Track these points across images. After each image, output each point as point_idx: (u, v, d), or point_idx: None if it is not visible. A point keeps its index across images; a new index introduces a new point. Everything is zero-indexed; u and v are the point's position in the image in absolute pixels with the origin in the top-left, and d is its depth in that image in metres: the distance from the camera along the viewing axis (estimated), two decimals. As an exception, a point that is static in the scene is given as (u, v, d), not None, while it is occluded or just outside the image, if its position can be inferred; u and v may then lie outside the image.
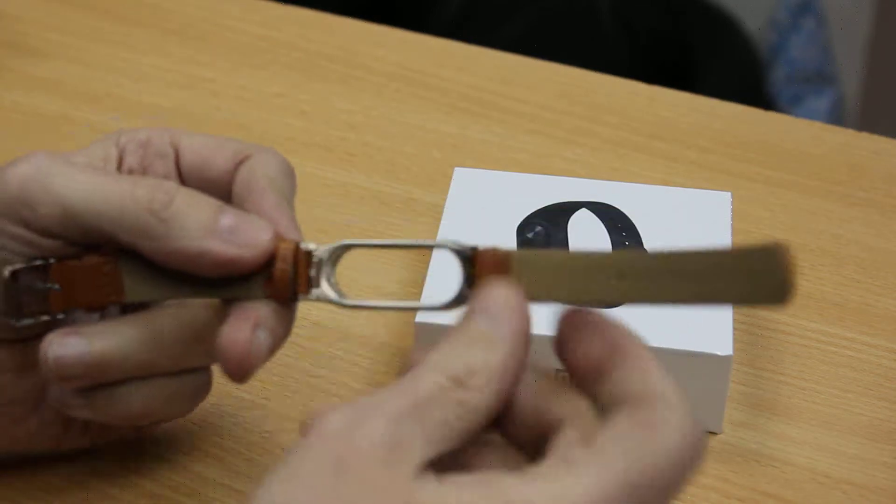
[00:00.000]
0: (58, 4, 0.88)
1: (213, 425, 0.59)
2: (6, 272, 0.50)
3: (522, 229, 0.64)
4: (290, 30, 0.87)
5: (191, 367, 0.52)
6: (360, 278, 0.68)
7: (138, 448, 0.58)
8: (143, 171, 0.53)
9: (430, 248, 0.51)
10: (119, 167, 0.53)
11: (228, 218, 0.49)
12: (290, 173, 0.54)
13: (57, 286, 0.50)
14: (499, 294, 0.44)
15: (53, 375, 0.50)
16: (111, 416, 0.52)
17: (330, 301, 0.49)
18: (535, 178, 0.68)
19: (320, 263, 0.49)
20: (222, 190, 0.53)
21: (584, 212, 0.65)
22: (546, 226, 0.64)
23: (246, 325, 0.48)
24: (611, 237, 0.64)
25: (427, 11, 1.57)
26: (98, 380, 0.51)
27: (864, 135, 0.78)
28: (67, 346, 0.50)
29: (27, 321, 0.51)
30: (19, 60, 0.84)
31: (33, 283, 0.50)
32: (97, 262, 0.50)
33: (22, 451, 0.55)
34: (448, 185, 0.67)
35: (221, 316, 0.49)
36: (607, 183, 0.68)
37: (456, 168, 0.68)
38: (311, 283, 0.49)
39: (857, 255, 0.70)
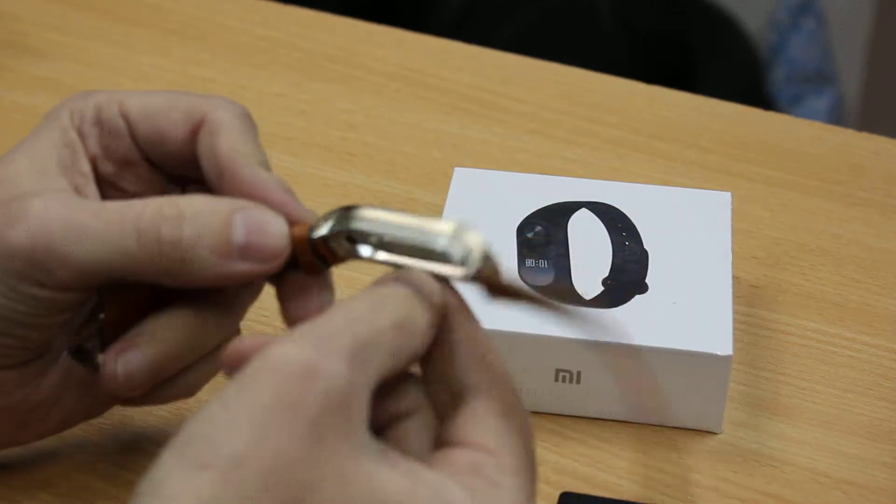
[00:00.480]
0: (58, 4, 0.88)
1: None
2: (68, 352, 0.52)
3: (522, 229, 0.64)
4: (290, 30, 0.87)
5: (232, 335, 0.53)
6: (362, 279, 0.68)
7: (139, 448, 0.58)
8: (104, 155, 0.53)
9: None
10: (84, 149, 0.53)
11: (240, 233, 0.49)
12: (250, 126, 0.53)
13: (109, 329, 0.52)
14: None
15: (124, 390, 0.51)
16: (173, 398, 0.52)
17: (360, 257, 0.48)
18: (535, 178, 0.68)
19: (336, 235, 0.48)
20: (185, 160, 0.52)
21: (584, 212, 0.65)
22: (546, 226, 0.64)
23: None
24: (611, 237, 0.64)
25: (427, 11, 1.57)
26: (162, 379, 0.51)
27: (864, 135, 0.78)
28: (130, 361, 0.50)
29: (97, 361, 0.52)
30: (19, 60, 0.84)
31: (90, 340, 0.52)
32: (135, 299, 0.51)
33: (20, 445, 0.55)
34: (448, 185, 0.67)
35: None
36: (607, 183, 0.68)
37: (456, 168, 0.68)
38: (335, 253, 0.48)
39: (857, 255, 0.70)
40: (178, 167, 0.53)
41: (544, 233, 0.64)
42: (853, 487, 0.58)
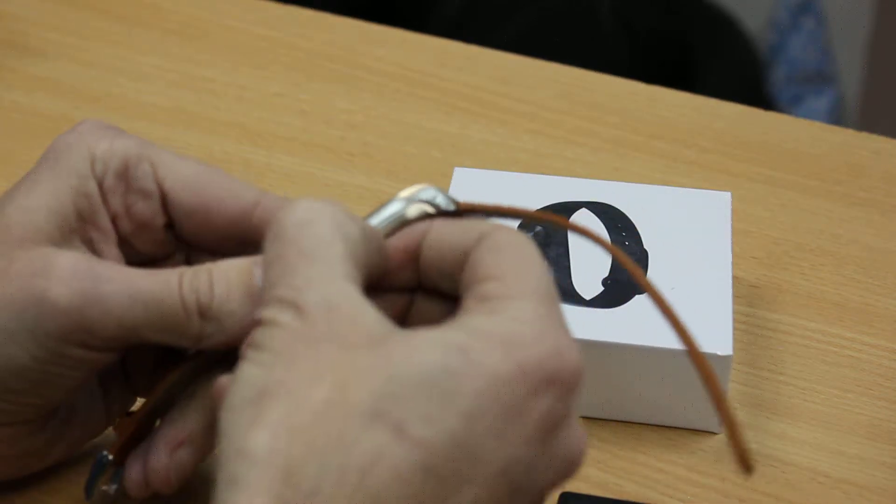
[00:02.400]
0: (58, 4, 0.88)
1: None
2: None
3: (522, 229, 0.64)
4: (290, 30, 0.87)
5: None
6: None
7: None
8: (125, 213, 0.52)
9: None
10: (104, 203, 0.52)
11: (258, 276, 0.50)
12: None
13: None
14: None
15: (165, 488, 0.52)
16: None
17: None
18: (535, 178, 0.68)
19: None
20: (222, 235, 0.52)
21: (584, 212, 0.65)
22: (546, 226, 0.64)
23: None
24: (611, 237, 0.64)
25: (427, 11, 1.57)
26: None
27: (864, 135, 0.78)
28: (160, 461, 0.51)
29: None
30: (19, 60, 0.84)
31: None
32: (133, 421, 0.52)
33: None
34: (448, 185, 0.67)
35: None
36: (607, 183, 0.68)
37: (456, 168, 0.68)
38: None
39: (857, 255, 0.70)
40: (206, 239, 0.53)
41: (544, 233, 0.64)
42: (853, 487, 0.58)
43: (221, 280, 0.49)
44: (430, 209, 0.49)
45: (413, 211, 0.49)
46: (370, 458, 0.40)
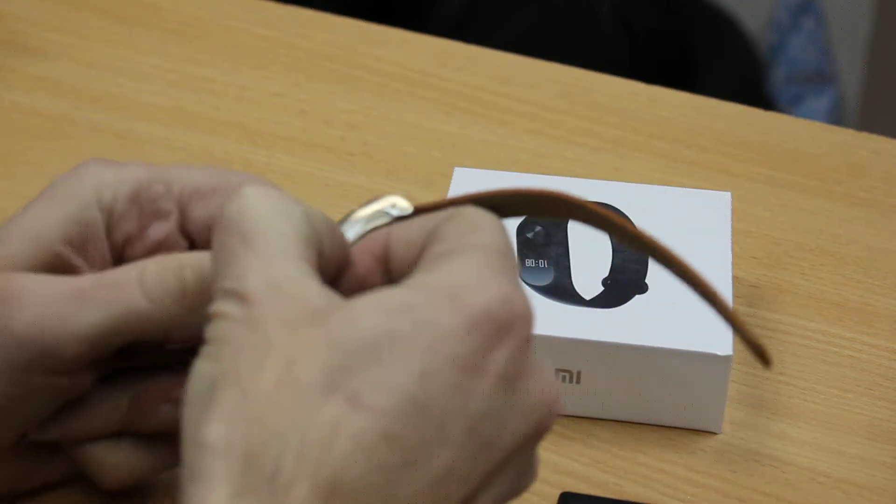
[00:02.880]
0: (58, 4, 0.88)
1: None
2: None
3: (522, 229, 0.64)
4: (290, 30, 0.87)
5: None
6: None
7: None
8: (141, 237, 0.52)
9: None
10: (112, 229, 0.51)
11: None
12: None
13: None
14: None
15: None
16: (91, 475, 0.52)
17: None
18: (535, 178, 0.68)
19: None
20: None
21: (584, 212, 0.65)
22: (546, 226, 0.64)
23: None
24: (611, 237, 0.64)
25: (427, 11, 1.57)
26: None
27: (864, 135, 0.78)
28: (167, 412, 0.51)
29: None
30: (19, 60, 0.84)
31: None
32: None
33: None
34: (448, 185, 0.67)
35: None
36: (607, 183, 0.68)
37: (456, 168, 0.68)
38: None
39: (857, 255, 0.70)
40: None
41: (544, 233, 0.64)
42: (853, 487, 0.58)
43: (193, 263, 0.49)
44: (389, 213, 0.48)
45: (371, 216, 0.48)
46: (328, 431, 0.39)
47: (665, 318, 0.60)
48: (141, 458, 0.52)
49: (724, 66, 1.60)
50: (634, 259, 0.63)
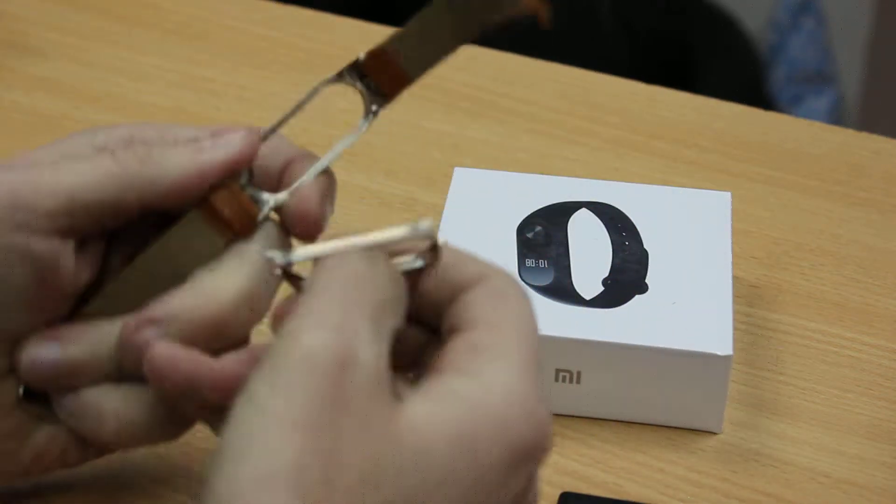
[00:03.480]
0: (58, 4, 0.88)
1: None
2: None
3: (522, 229, 0.64)
4: (290, 30, 0.87)
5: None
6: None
7: (138, 448, 0.58)
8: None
9: (324, 85, 0.55)
10: None
11: (205, 133, 0.51)
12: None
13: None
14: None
15: (29, 379, 0.50)
16: (85, 425, 0.51)
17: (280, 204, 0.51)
18: (535, 178, 0.68)
19: (248, 186, 0.51)
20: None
21: (584, 212, 0.65)
22: (546, 226, 0.64)
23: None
24: (611, 237, 0.64)
25: (427, 11, 1.57)
26: (74, 381, 0.50)
27: (864, 135, 0.78)
28: (41, 350, 0.50)
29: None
30: (19, 60, 0.84)
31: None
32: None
33: (21, 478, 0.53)
34: (448, 185, 0.67)
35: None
36: (607, 183, 0.68)
37: (456, 168, 0.68)
38: (256, 200, 0.51)
39: (857, 255, 0.70)
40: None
41: (544, 233, 0.64)
42: (853, 487, 0.58)
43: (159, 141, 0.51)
44: (422, 257, 0.48)
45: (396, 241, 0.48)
46: None
47: (665, 318, 0.60)
48: (140, 408, 0.50)
49: (724, 66, 1.60)
50: (634, 259, 0.63)
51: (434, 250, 0.47)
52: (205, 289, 0.49)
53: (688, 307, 0.60)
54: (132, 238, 0.52)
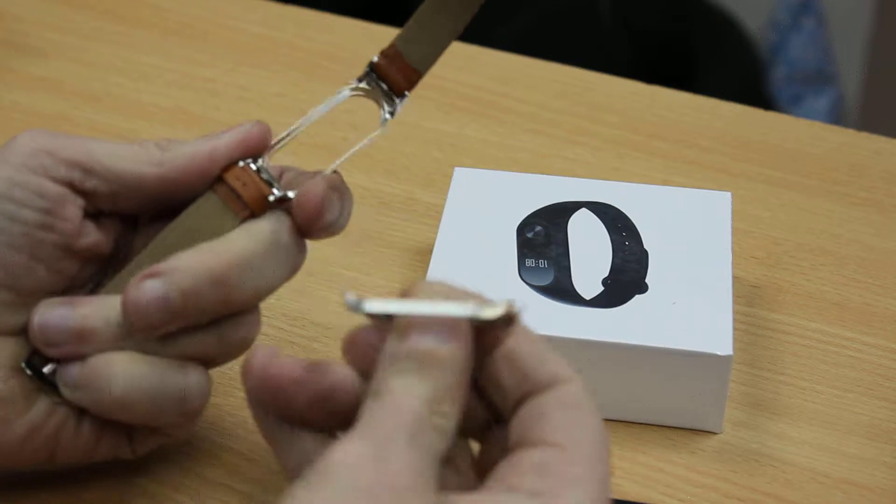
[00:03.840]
0: (58, 4, 0.88)
1: (214, 425, 0.59)
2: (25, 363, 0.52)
3: (522, 229, 0.64)
4: (290, 30, 0.87)
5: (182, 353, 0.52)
6: (362, 279, 0.68)
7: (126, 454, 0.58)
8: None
9: (341, 99, 0.58)
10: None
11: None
12: None
13: None
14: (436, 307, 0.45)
15: (38, 341, 0.51)
16: (90, 394, 0.51)
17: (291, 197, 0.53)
18: (535, 178, 0.68)
19: (263, 169, 0.54)
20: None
21: (584, 212, 0.65)
22: (546, 226, 0.64)
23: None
24: (611, 237, 0.64)
25: (427, 11, 1.57)
26: (82, 348, 0.51)
27: (864, 135, 0.78)
28: (54, 313, 0.51)
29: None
30: (19, 60, 0.84)
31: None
32: None
33: (12, 463, 0.54)
34: (448, 185, 0.67)
35: None
36: (607, 183, 0.68)
37: (456, 168, 0.68)
38: (270, 185, 0.54)
39: (857, 255, 0.70)
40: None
41: (544, 233, 0.64)
42: (853, 487, 0.58)
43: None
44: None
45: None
46: None
47: (665, 318, 0.60)
48: (149, 372, 0.51)
49: (724, 66, 1.60)
50: (634, 259, 0.63)
51: (508, 321, 0.45)
52: (209, 247, 0.51)
53: (688, 307, 0.60)
54: (154, 231, 0.54)
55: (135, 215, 0.55)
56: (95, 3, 0.89)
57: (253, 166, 0.54)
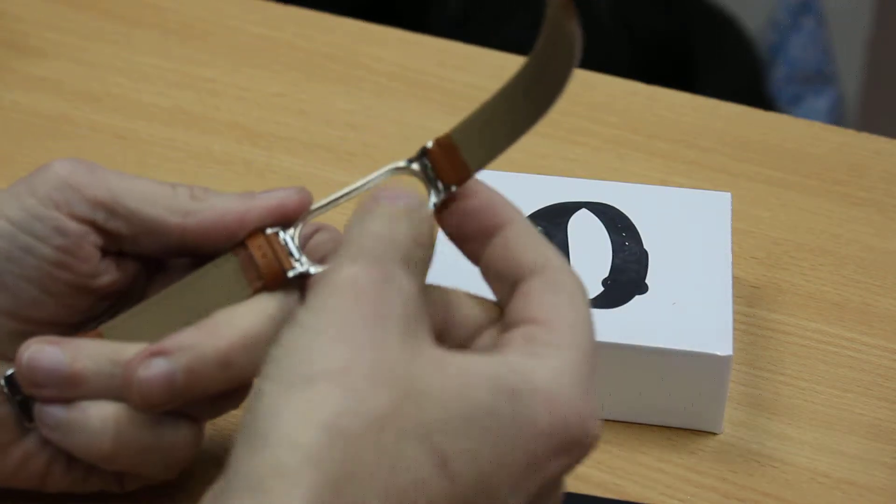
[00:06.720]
0: (58, 4, 0.88)
1: (214, 425, 0.59)
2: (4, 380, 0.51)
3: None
4: (290, 30, 0.87)
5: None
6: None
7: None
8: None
9: (390, 173, 0.54)
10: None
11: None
12: None
13: None
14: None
15: (24, 380, 0.50)
16: (78, 443, 0.50)
17: (312, 273, 0.51)
18: (535, 178, 0.68)
19: (291, 240, 0.52)
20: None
21: (584, 212, 0.65)
22: (546, 226, 0.64)
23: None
24: (611, 237, 0.64)
25: (427, 11, 1.57)
26: (69, 393, 0.50)
27: (864, 135, 0.78)
28: (44, 349, 0.50)
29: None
30: (19, 60, 0.84)
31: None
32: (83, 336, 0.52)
33: (3, 485, 0.53)
34: (448, 185, 0.67)
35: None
36: (607, 183, 0.68)
37: (456, 168, 0.68)
38: (293, 258, 0.51)
39: (857, 255, 0.70)
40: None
41: (544, 233, 0.64)
42: (853, 487, 0.58)
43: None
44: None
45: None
46: (412, 486, 0.41)
47: (665, 318, 0.60)
48: (143, 429, 0.50)
49: (724, 66, 1.60)
50: (634, 259, 0.63)
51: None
52: (214, 324, 0.50)
53: (688, 307, 0.60)
54: (176, 275, 0.53)
55: (157, 257, 0.54)
56: (95, 3, 0.88)
57: (282, 235, 0.52)
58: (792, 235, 0.71)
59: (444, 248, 0.50)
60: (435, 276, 0.47)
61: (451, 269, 0.49)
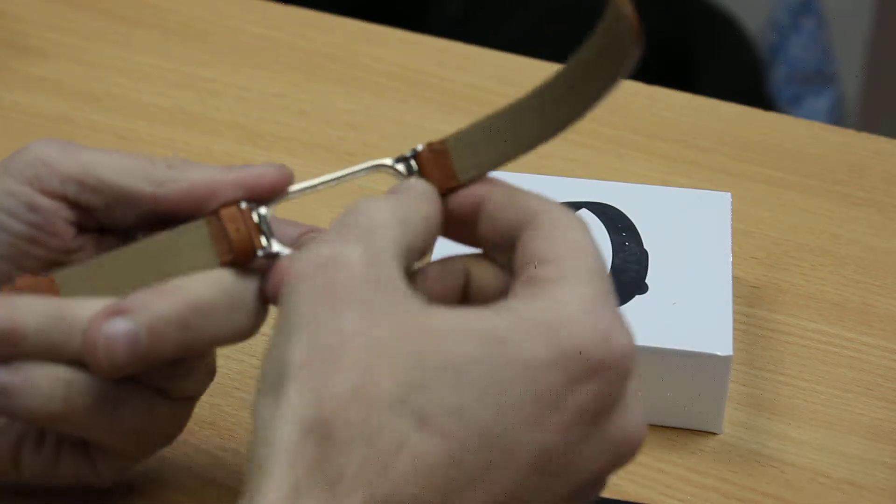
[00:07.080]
0: (58, 4, 0.88)
1: (213, 425, 0.59)
2: None
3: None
4: (290, 30, 0.87)
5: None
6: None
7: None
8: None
9: (372, 168, 0.54)
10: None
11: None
12: None
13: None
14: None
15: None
16: (18, 401, 0.48)
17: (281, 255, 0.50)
18: (535, 178, 0.68)
19: (263, 219, 0.50)
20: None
21: (584, 212, 0.65)
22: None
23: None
24: (611, 237, 0.64)
25: (427, 11, 1.57)
26: (8, 350, 0.47)
27: (864, 135, 0.78)
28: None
29: None
30: (19, 60, 0.84)
31: None
32: (33, 282, 0.49)
33: None
34: (448, 185, 0.67)
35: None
36: (607, 183, 0.68)
37: (456, 168, 0.68)
38: (265, 237, 0.50)
39: (857, 255, 0.70)
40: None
41: (544, 233, 0.64)
42: (853, 487, 0.58)
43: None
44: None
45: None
46: (393, 448, 0.40)
47: (665, 318, 0.60)
48: (91, 391, 0.48)
49: (724, 66, 1.60)
50: (634, 259, 0.63)
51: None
52: (175, 287, 0.48)
53: (688, 307, 0.60)
54: None
55: (135, 231, 0.53)
56: (95, 3, 0.89)
57: (256, 212, 0.50)
58: (792, 235, 0.71)
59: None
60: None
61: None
